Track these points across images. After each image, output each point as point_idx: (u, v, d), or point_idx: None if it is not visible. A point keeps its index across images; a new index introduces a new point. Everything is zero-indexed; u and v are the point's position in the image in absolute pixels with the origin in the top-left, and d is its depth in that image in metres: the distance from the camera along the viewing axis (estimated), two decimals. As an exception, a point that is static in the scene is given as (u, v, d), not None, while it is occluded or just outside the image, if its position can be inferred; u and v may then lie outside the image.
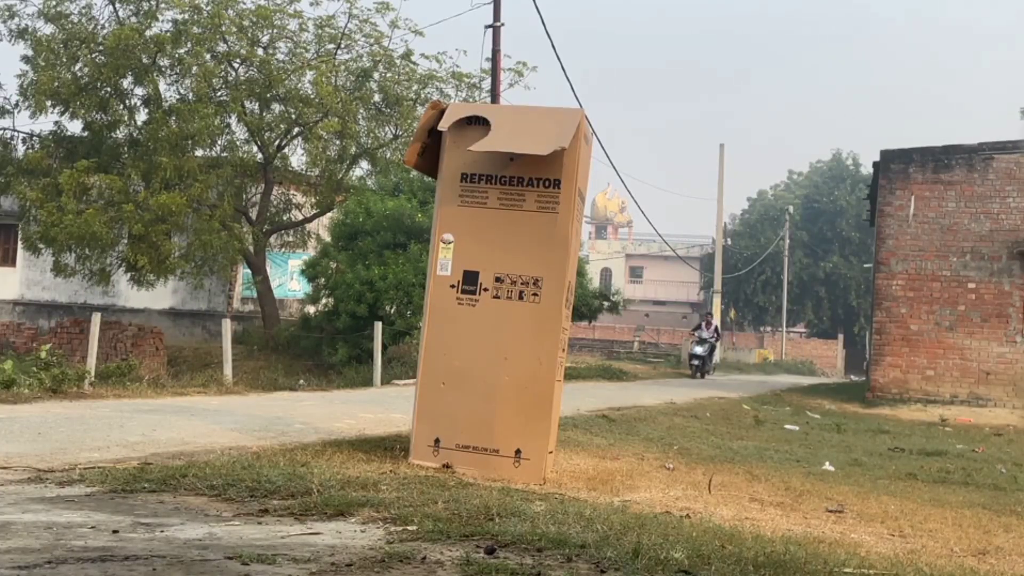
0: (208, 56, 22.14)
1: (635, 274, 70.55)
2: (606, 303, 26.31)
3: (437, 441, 5.98)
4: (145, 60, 21.81)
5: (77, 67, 22.06)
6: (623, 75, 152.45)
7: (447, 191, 6.14)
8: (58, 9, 22.33)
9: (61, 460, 5.50)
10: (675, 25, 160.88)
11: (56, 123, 22.87)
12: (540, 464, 5.89)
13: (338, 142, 23.67)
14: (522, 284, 5.96)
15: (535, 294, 5.95)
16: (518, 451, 5.86)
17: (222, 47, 22.60)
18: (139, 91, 22.84)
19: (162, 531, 3.86)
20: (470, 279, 6.01)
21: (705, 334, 27.08)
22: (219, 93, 22.74)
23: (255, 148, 24.03)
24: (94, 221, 19.82)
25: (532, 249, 5.96)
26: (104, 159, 21.78)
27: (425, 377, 6.08)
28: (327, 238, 23.49)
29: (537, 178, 5.98)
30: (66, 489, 4.68)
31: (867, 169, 43.10)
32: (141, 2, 22.64)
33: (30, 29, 22.49)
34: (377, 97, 24.04)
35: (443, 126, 6.06)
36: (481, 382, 5.96)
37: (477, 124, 6.11)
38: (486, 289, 5.99)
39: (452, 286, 6.03)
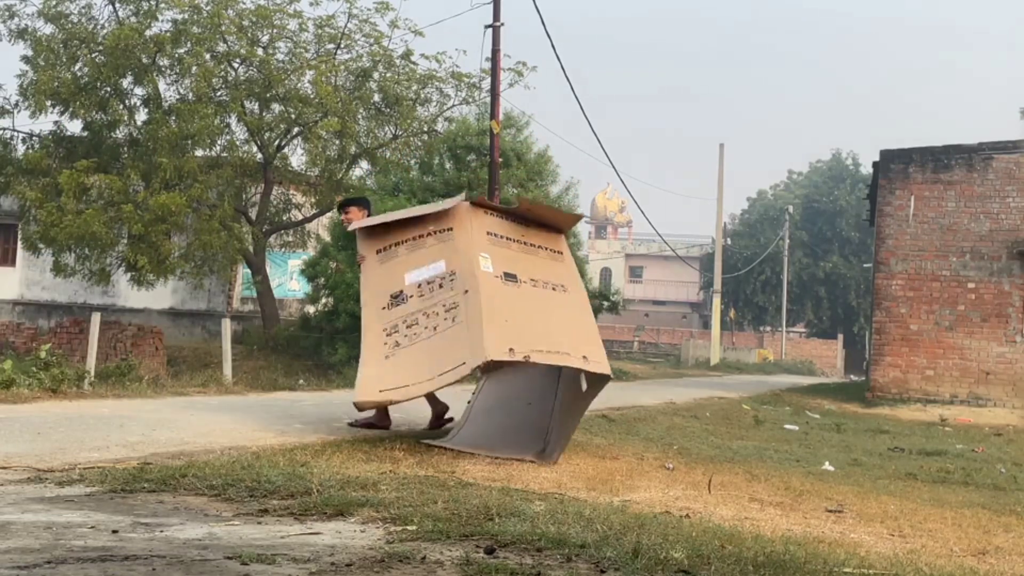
0: (208, 56, 22.12)
1: (635, 274, 70.51)
2: (605, 303, 26.29)
3: (511, 350, 6.84)
4: (145, 60, 21.80)
5: (77, 67, 22.05)
6: (623, 75, 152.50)
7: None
8: (58, 9, 22.31)
9: (61, 460, 5.50)
10: (675, 26, 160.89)
11: (56, 123, 22.87)
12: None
13: (338, 142, 23.66)
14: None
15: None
16: (584, 356, 7.12)
17: (222, 47, 22.59)
18: (139, 91, 22.83)
19: (162, 531, 3.86)
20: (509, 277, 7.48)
21: None
22: (219, 93, 22.73)
23: (255, 148, 24.02)
24: (94, 221, 19.81)
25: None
26: (104, 159, 21.77)
27: (488, 318, 7.10)
28: (327, 238, 23.47)
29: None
30: (66, 489, 4.68)
31: (867, 169, 43.09)
32: (141, 2, 22.62)
33: (30, 29, 22.47)
34: (377, 97, 24.03)
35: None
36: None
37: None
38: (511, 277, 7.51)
39: (497, 277, 7.38)
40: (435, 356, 6.90)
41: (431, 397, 7.90)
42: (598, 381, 7.27)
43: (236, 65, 23.13)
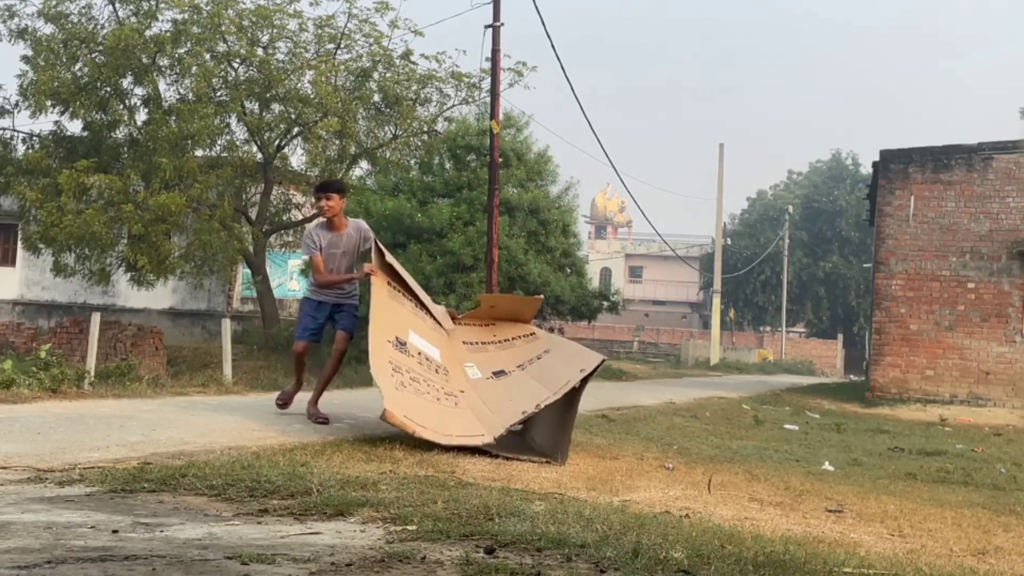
0: (208, 56, 22.12)
1: (635, 274, 70.50)
2: (605, 303, 26.26)
3: (524, 412, 7.38)
4: (145, 60, 21.80)
5: (77, 67, 22.05)
6: (624, 75, 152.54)
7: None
8: (58, 9, 22.31)
9: (61, 460, 5.49)
10: (675, 26, 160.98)
11: (56, 123, 22.88)
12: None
13: (338, 142, 23.67)
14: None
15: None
16: (581, 369, 7.79)
17: (222, 47, 22.58)
18: (139, 91, 22.84)
19: (162, 531, 3.86)
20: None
21: None
22: (219, 93, 22.73)
23: (255, 148, 24.02)
24: (94, 221, 19.81)
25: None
26: (104, 159, 21.77)
27: (490, 407, 7.61)
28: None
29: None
30: (66, 489, 4.67)
31: (867, 169, 43.08)
32: (141, 2, 22.63)
33: (30, 29, 22.48)
34: (377, 97, 24.03)
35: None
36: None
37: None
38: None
39: (488, 379, 7.95)
40: (445, 419, 7.05)
41: (299, 378, 8.83)
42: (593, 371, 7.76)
43: (236, 65, 23.13)
